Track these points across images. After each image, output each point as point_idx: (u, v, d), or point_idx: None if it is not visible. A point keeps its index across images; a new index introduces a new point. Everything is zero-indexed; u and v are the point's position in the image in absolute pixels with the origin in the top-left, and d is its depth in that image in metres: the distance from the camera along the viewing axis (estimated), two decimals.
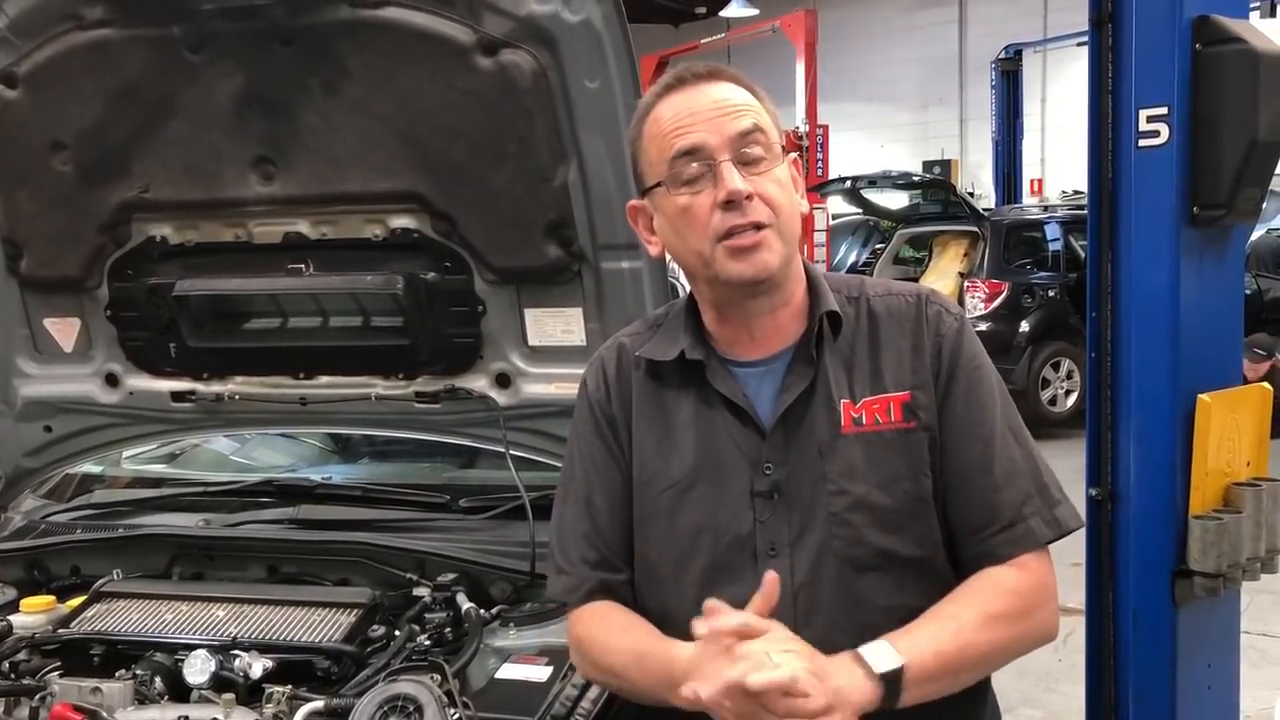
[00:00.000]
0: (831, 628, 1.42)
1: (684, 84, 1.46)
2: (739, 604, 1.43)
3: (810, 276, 1.53)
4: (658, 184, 1.44)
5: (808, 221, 10.14)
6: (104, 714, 1.79)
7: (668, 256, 1.89)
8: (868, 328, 1.49)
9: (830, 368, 1.46)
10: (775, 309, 1.48)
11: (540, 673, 1.85)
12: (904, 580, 1.44)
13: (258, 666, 1.85)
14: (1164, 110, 2.27)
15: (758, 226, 1.40)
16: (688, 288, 1.57)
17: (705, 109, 1.43)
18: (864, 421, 1.44)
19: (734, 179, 1.39)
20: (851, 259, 12.58)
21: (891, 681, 1.30)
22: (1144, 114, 2.29)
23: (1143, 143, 2.30)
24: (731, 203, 1.39)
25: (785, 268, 1.45)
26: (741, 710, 1.25)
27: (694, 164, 1.41)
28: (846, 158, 16.73)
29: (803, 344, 1.48)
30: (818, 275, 1.54)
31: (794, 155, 1.50)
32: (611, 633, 1.50)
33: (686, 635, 1.47)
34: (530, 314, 2.27)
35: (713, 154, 1.41)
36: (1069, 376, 9.68)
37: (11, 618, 2.11)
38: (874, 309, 1.51)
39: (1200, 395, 2.33)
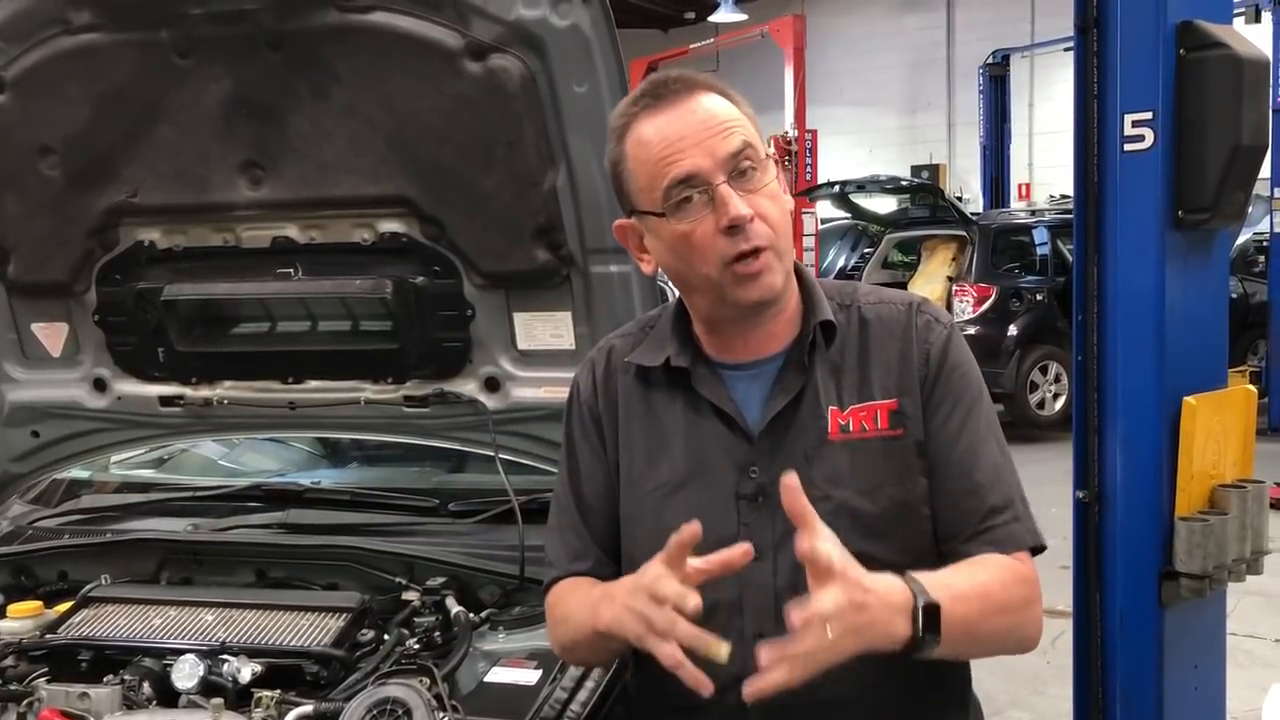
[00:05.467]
0: None
1: (662, 100, 1.40)
2: (722, 604, 1.43)
3: (804, 282, 1.52)
4: (654, 213, 1.42)
5: (796, 225, 10.17)
6: None
7: None
8: (858, 335, 1.49)
9: (819, 375, 1.47)
10: (772, 318, 1.48)
11: (529, 676, 1.85)
12: None
13: (246, 671, 1.85)
14: (1149, 115, 2.29)
15: (760, 250, 1.40)
16: (677, 292, 1.57)
17: (693, 130, 1.38)
18: (851, 429, 1.45)
19: (736, 203, 1.37)
20: (840, 263, 12.61)
21: (930, 616, 1.26)
22: (1129, 119, 2.31)
23: (1128, 147, 2.32)
24: (735, 227, 1.38)
25: (786, 283, 1.45)
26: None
27: (690, 190, 1.39)
28: (835, 162, 16.77)
29: (794, 350, 1.48)
30: (812, 281, 1.53)
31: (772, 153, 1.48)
32: (572, 597, 1.52)
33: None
34: (519, 318, 2.27)
35: (709, 178, 1.38)
36: (1057, 380, 9.72)
37: None
38: (865, 316, 1.51)
39: (1186, 398, 2.34)
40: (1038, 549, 1.47)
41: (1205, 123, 2.26)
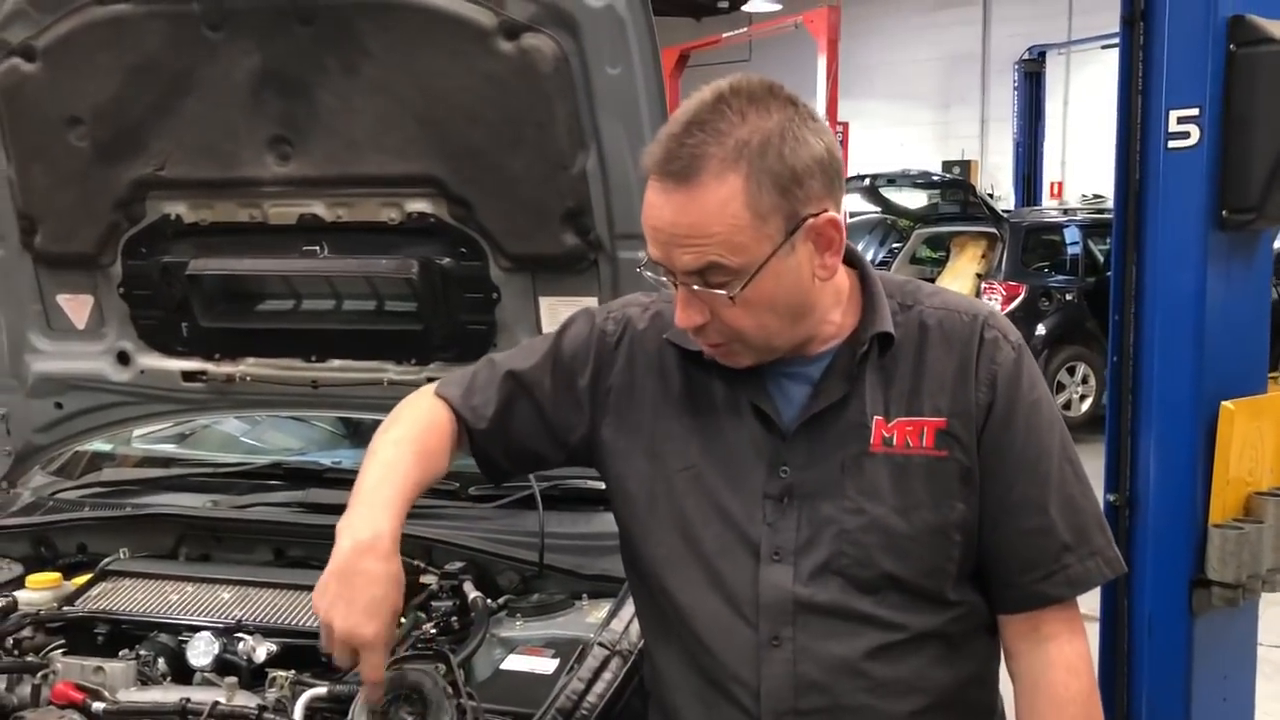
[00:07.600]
0: (828, 638, 1.39)
1: (667, 169, 1.30)
2: (739, 598, 1.41)
3: (868, 284, 1.45)
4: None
5: None
6: (106, 694, 1.77)
7: None
8: (916, 341, 1.41)
9: (868, 382, 1.40)
10: (797, 348, 1.42)
11: (546, 665, 1.83)
12: (905, 604, 1.39)
13: (262, 650, 1.84)
14: (1195, 111, 2.24)
15: (717, 344, 1.38)
16: None
17: (667, 227, 1.31)
18: (894, 442, 1.38)
19: (681, 312, 1.35)
20: (868, 257, 12.49)
21: None
22: (1174, 115, 2.26)
23: (1172, 144, 2.27)
24: None
25: (769, 354, 1.40)
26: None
27: (662, 267, 1.36)
28: (866, 155, 16.66)
29: (844, 354, 1.41)
30: (875, 284, 1.45)
31: (826, 215, 1.34)
32: (412, 421, 1.53)
33: (689, 619, 1.44)
34: (545, 302, 2.24)
35: (672, 273, 1.35)
36: (1084, 381, 9.62)
37: (17, 594, 2.10)
38: (925, 321, 1.42)
39: (1224, 402, 2.30)
40: (1115, 574, 1.46)
41: (1254, 120, 2.20)
